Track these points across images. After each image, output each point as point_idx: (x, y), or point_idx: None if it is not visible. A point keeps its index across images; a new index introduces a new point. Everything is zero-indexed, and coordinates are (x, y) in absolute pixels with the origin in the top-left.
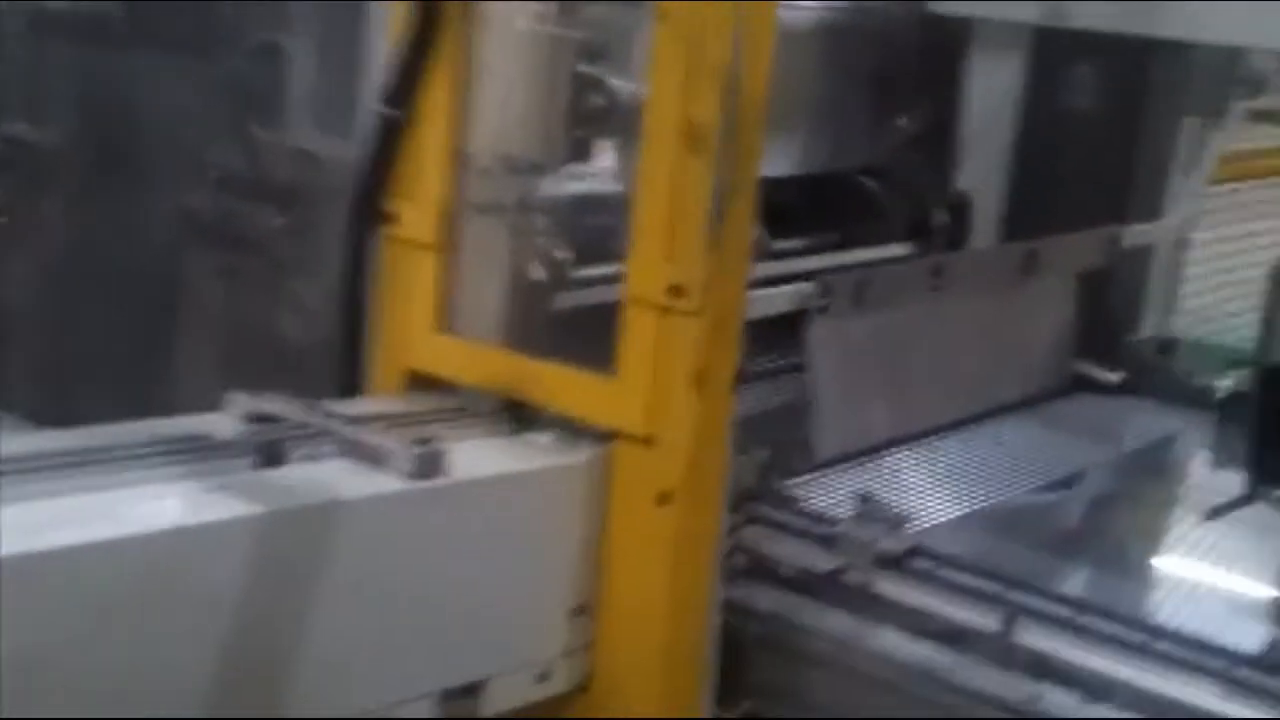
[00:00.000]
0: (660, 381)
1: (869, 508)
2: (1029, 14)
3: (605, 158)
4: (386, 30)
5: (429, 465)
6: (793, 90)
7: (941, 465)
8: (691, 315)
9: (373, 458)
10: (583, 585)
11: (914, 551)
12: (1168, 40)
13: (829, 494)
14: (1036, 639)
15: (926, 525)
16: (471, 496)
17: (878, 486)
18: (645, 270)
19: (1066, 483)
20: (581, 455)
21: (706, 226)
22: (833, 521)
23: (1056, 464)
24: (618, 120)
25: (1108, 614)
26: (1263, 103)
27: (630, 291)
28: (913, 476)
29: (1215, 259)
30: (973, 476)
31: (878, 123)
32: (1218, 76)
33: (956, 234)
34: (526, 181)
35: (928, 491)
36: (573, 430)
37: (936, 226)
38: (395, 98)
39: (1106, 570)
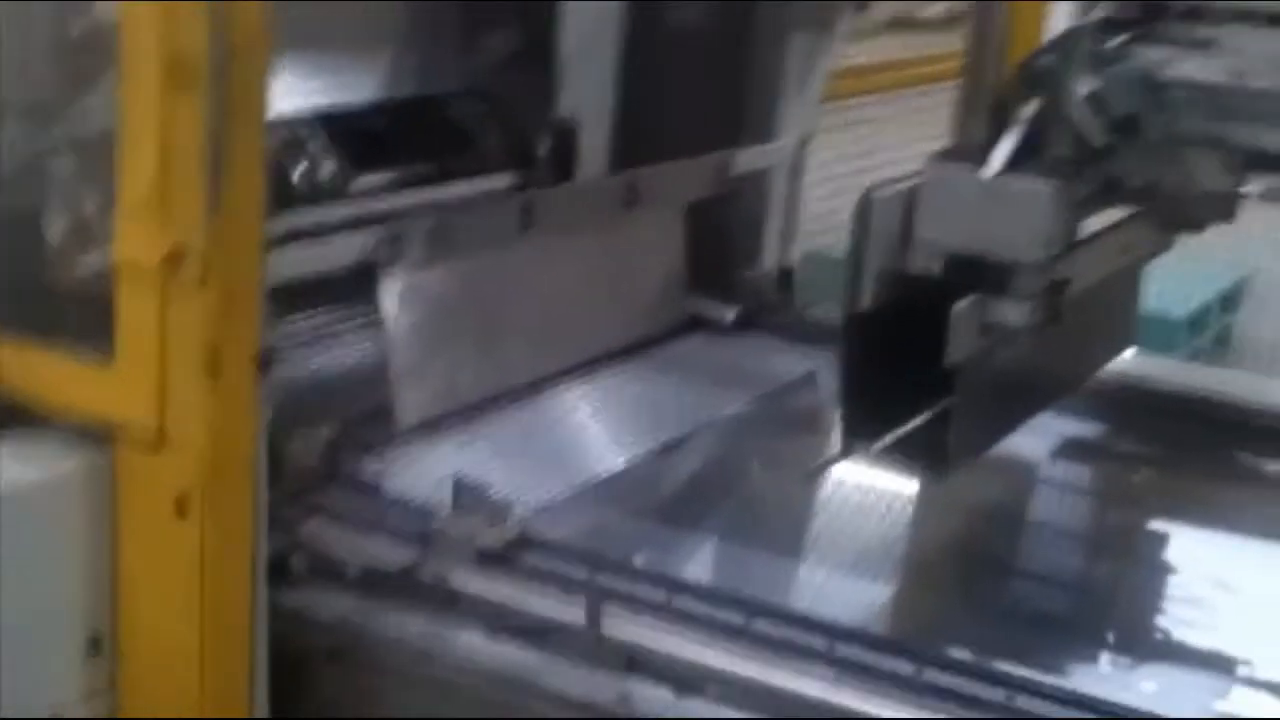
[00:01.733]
0: (166, 367)
1: (467, 495)
2: None
3: None
4: None
5: None
6: (366, 7)
7: (545, 429)
8: (195, 287)
9: None
10: (96, 615)
11: (518, 543)
12: None
13: (414, 472)
14: (626, 629)
15: (529, 508)
16: None
17: (473, 460)
18: (135, 233)
19: (677, 444)
20: (76, 462)
21: (205, 180)
22: (422, 513)
23: (666, 421)
24: (107, 49)
25: (702, 594)
26: (896, 12)
27: (120, 259)
28: (512, 445)
29: (837, 178)
30: (579, 441)
31: (468, 43)
32: None
33: (563, 163)
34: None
35: (530, 463)
36: (72, 431)
37: (540, 155)
38: None
39: (714, 544)
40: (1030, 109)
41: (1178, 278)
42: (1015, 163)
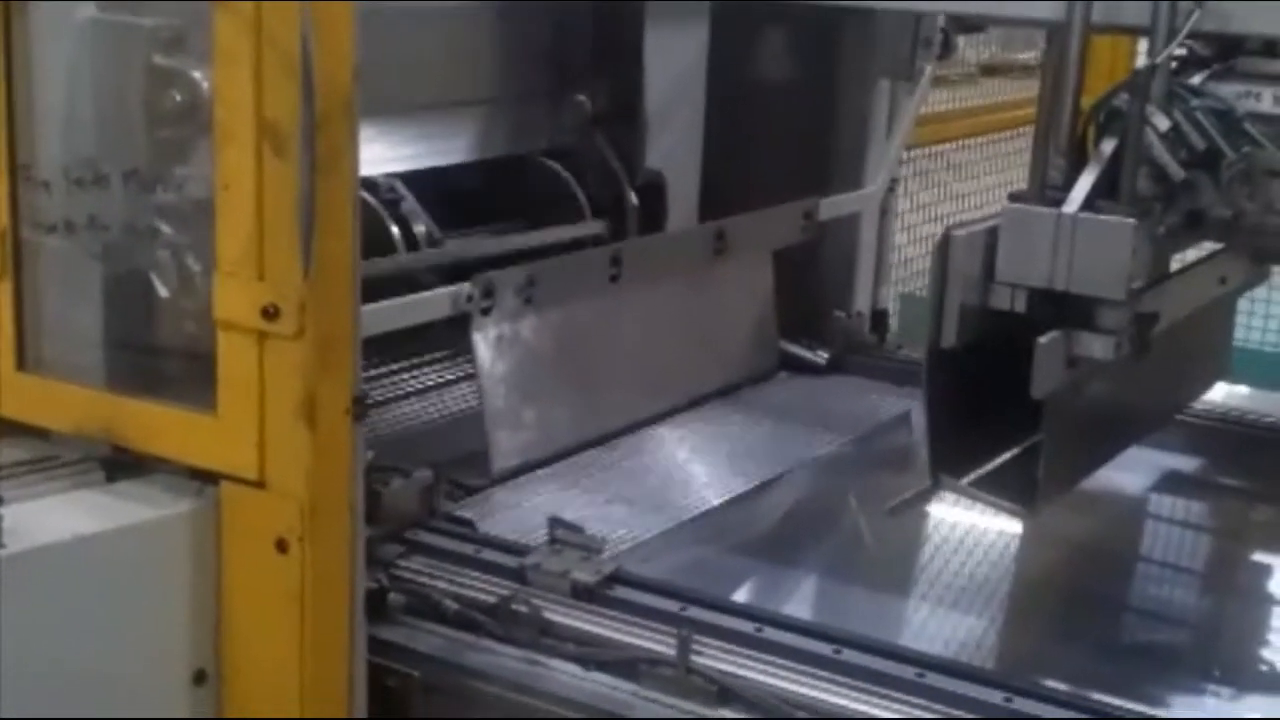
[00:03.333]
0: (265, 416)
1: (562, 533)
2: None
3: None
4: None
5: None
6: (457, 72)
7: (639, 472)
8: (291, 339)
9: None
10: (202, 648)
11: (613, 579)
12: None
13: (509, 513)
14: (717, 662)
15: (626, 546)
16: (44, 564)
17: (566, 501)
18: (234, 290)
19: (771, 484)
20: (183, 505)
21: (298, 238)
22: (518, 550)
23: (760, 462)
24: (204, 118)
25: (791, 625)
26: (990, 58)
27: (220, 315)
28: (606, 487)
29: (924, 223)
30: (672, 483)
31: (557, 102)
32: (904, 38)
33: (652, 216)
34: (100, 194)
35: (623, 504)
36: (180, 474)
37: (629, 208)
38: None
39: (806, 580)
40: (1108, 146)
41: None
42: (1094, 200)
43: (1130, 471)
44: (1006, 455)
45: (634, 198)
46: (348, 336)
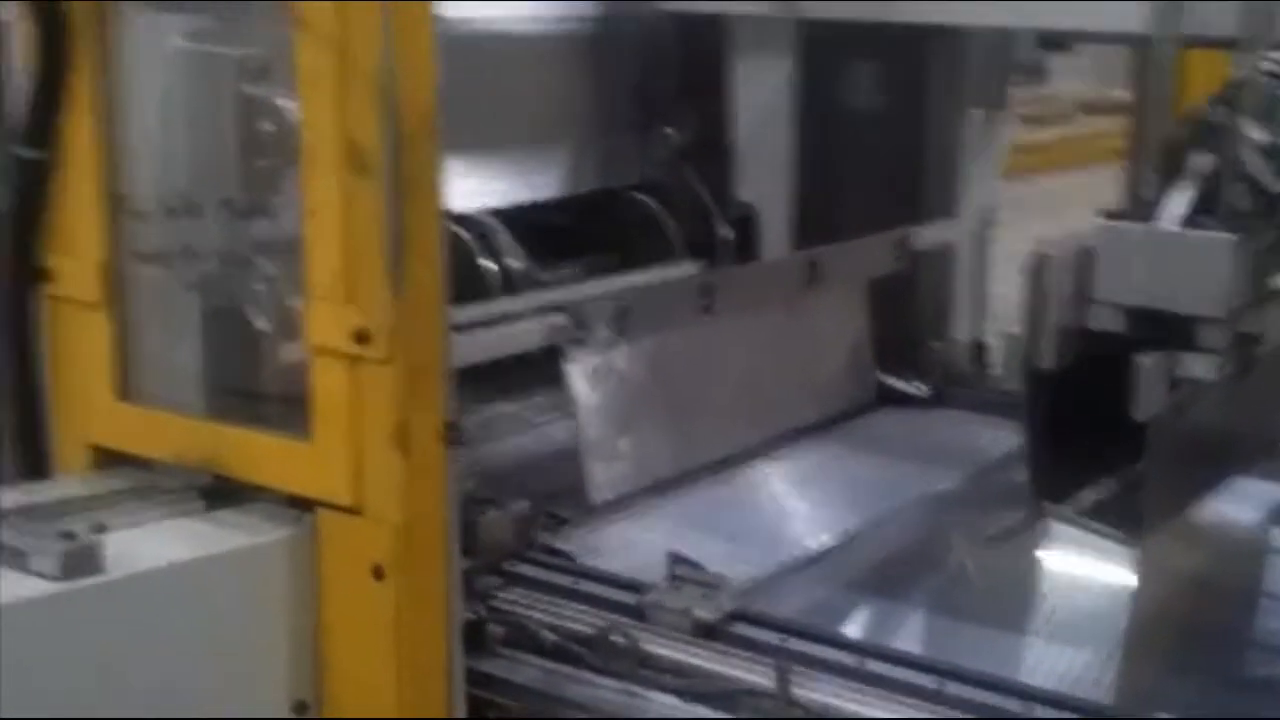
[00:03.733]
0: (359, 442)
1: (682, 570)
2: (760, 9)
3: None
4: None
5: (78, 563)
6: (548, 106)
7: (736, 506)
8: (382, 364)
9: (13, 558)
10: (301, 677)
11: (734, 616)
12: (931, 28)
13: (607, 545)
14: (818, 694)
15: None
16: (142, 591)
17: (665, 534)
18: (326, 316)
19: (879, 522)
20: (280, 532)
21: (387, 261)
22: (630, 585)
23: (870, 496)
24: (292, 146)
25: (894, 658)
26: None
27: (312, 340)
28: (707, 520)
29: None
30: (772, 518)
31: (645, 136)
32: (994, 65)
33: (745, 247)
34: (195, 224)
35: (729, 539)
36: (280, 503)
37: (721, 241)
38: (34, 137)
39: (922, 618)
40: (1202, 161)
41: None
42: (1191, 216)
43: (1243, 503)
44: (1111, 482)
45: (726, 230)
46: (438, 361)
